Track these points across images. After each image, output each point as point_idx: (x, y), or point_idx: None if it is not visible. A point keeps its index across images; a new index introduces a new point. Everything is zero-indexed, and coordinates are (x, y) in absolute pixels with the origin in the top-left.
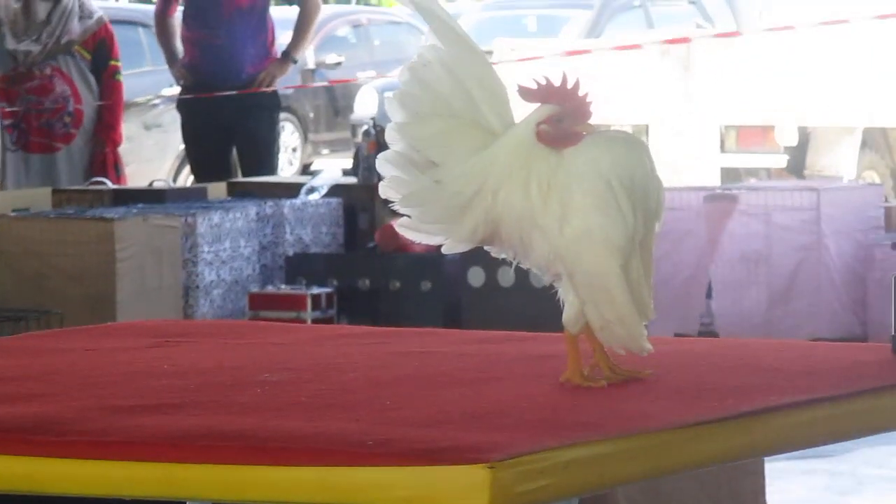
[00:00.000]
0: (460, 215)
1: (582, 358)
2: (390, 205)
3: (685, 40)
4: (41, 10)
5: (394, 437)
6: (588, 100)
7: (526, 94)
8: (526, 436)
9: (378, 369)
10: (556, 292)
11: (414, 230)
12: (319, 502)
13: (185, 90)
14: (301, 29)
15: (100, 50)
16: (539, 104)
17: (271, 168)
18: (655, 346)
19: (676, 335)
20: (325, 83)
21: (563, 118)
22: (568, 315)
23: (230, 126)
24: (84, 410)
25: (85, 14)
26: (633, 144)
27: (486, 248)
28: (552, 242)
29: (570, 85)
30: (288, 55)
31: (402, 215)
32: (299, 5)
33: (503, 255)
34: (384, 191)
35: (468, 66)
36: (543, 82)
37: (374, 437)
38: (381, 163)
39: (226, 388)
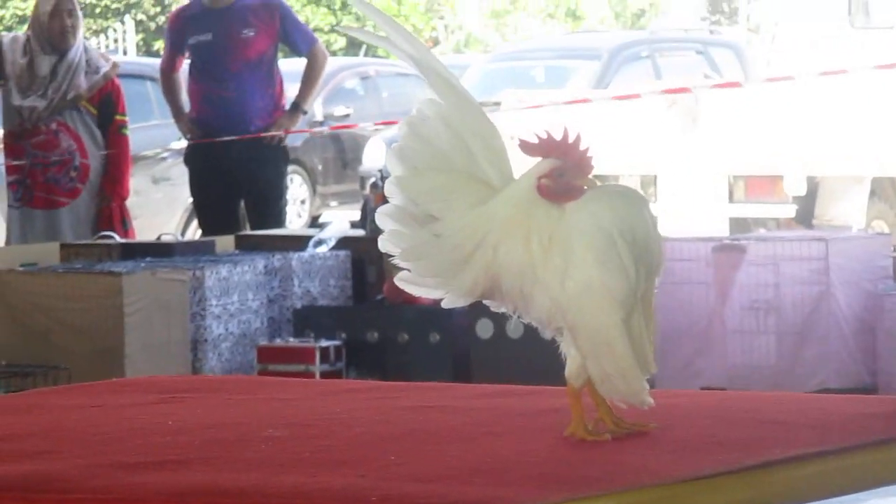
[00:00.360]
0: (460, 269)
1: (586, 412)
2: (389, 259)
3: (686, 90)
4: (45, 64)
5: (398, 492)
6: (589, 154)
7: (527, 148)
8: (530, 490)
9: (383, 424)
10: None
11: (413, 284)
12: None
13: (192, 144)
14: (309, 79)
15: (105, 104)
16: (540, 158)
17: (279, 220)
18: (660, 400)
19: (704, 388)
20: (330, 130)
21: (564, 172)
22: (570, 369)
23: (238, 178)
24: (88, 468)
25: (91, 69)
26: (633, 199)
27: (485, 302)
28: (553, 296)
29: (571, 139)
30: (298, 106)
31: (403, 269)
32: (307, 58)
33: (503, 310)
34: (383, 244)
35: (467, 120)
36: (544, 136)
37: (378, 493)
38: (381, 217)
39: (230, 445)
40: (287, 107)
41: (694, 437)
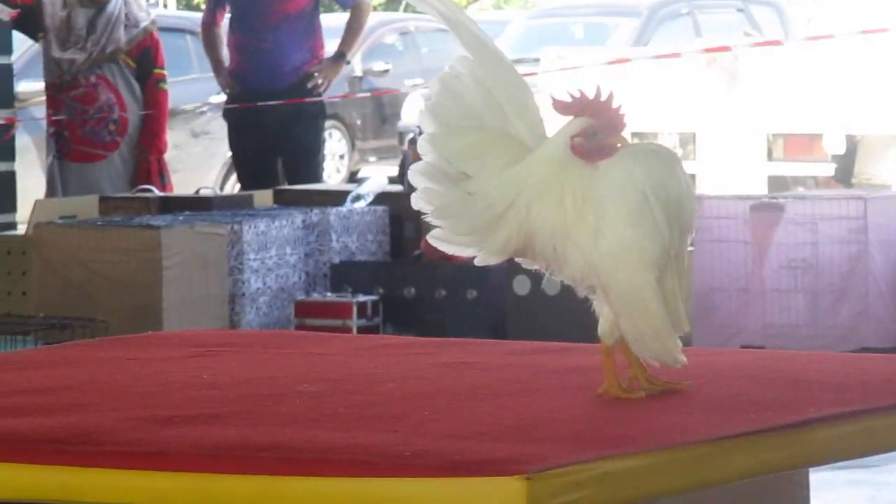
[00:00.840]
0: (493, 227)
1: (619, 370)
2: (423, 216)
3: (726, 49)
4: (82, 17)
5: (431, 448)
6: (621, 112)
7: (560, 107)
8: (562, 448)
9: (416, 380)
10: None
11: (446, 242)
12: None
13: (231, 98)
14: (352, 30)
15: (144, 58)
16: (573, 117)
17: (316, 176)
18: (693, 358)
19: (744, 347)
20: (370, 93)
21: (597, 131)
22: (603, 327)
23: (276, 134)
24: (121, 421)
25: (131, 23)
26: (667, 157)
27: (518, 259)
28: (586, 255)
29: (603, 98)
30: (342, 55)
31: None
32: (350, 8)
33: (536, 267)
34: (416, 202)
35: (499, 78)
36: (577, 95)
37: (411, 448)
38: (413, 174)
39: (263, 399)
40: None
41: (729, 396)
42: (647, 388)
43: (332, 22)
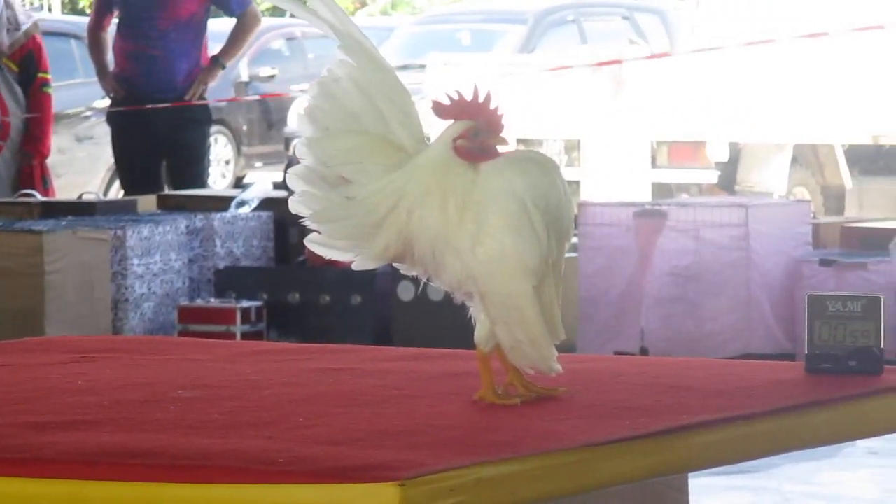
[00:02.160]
0: (372, 233)
1: (495, 376)
2: (300, 220)
3: (617, 62)
4: None
5: (305, 454)
6: (500, 113)
7: (439, 109)
8: (437, 454)
9: (293, 386)
10: None
11: (324, 246)
12: None
13: (115, 102)
14: (236, 39)
15: (27, 62)
16: (453, 121)
17: (201, 181)
18: (570, 365)
19: (616, 353)
20: (258, 97)
21: (478, 132)
22: (479, 334)
23: (161, 139)
24: None
25: (12, 26)
26: (546, 165)
27: (395, 265)
28: (465, 262)
29: (482, 98)
30: (217, 60)
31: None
32: (238, 18)
33: (414, 273)
34: (294, 206)
35: (379, 82)
36: (456, 97)
37: (285, 454)
38: (292, 177)
39: (140, 405)
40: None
41: (604, 403)
42: (523, 395)
43: (220, 27)
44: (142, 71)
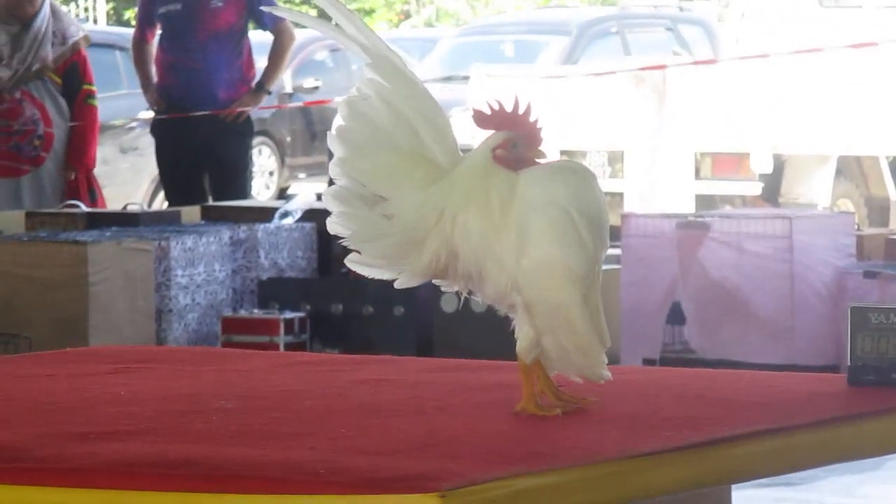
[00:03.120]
0: (415, 249)
1: (537, 387)
2: (340, 241)
3: (661, 67)
4: (4, 35)
5: (346, 465)
6: (539, 126)
7: (480, 120)
8: (477, 465)
9: (334, 397)
10: None
11: (365, 265)
12: None
13: (158, 114)
14: (275, 59)
15: (71, 74)
16: (492, 132)
17: (243, 193)
18: (614, 375)
19: (645, 361)
20: (301, 104)
21: (517, 143)
22: (522, 345)
23: (203, 150)
24: (37, 437)
25: (58, 39)
26: (585, 174)
27: (436, 282)
28: (508, 273)
29: (521, 111)
30: (262, 87)
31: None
32: (273, 34)
33: (455, 289)
34: (332, 227)
35: (410, 99)
36: (496, 108)
37: (326, 465)
38: (328, 198)
39: (181, 416)
40: (255, 80)
41: (645, 414)
42: (558, 405)
43: (263, 38)
44: (182, 83)
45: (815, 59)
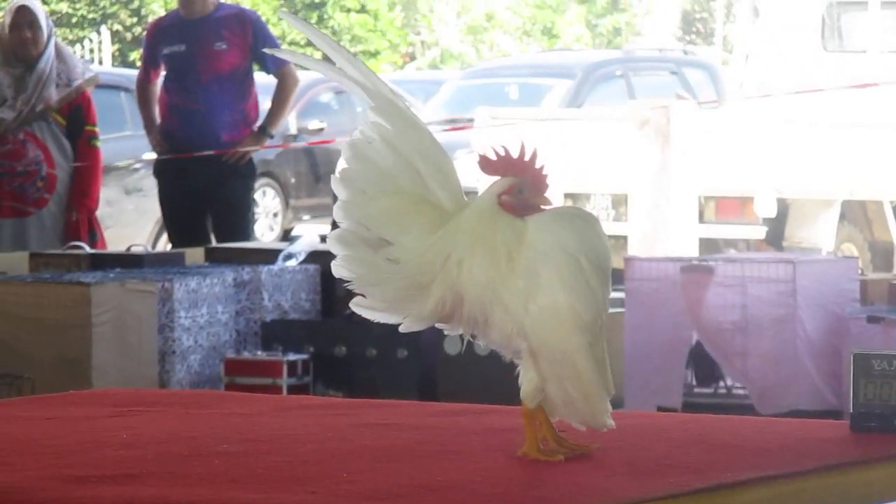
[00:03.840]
0: (421, 293)
1: (540, 433)
2: (345, 284)
3: (663, 108)
4: (9, 77)
5: None
6: (545, 172)
7: (486, 165)
8: None
9: (337, 441)
10: None
11: (369, 309)
12: None
13: (161, 155)
14: (278, 102)
15: (75, 115)
16: (499, 177)
17: (246, 235)
18: (617, 420)
19: (660, 408)
20: (305, 144)
21: (522, 189)
22: (526, 390)
23: (204, 192)
24: (39, 480)
25: (62, 82)
26: (590, 220)
27: (439, 325)
28: (516, 319)
29: (527, 157)
30: (264, 130)
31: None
32: (277, 78)
33: (459, 332)
34: (337, 270)
35: (413, 141)
36: (502, 153)
37: None
38: (332, 241)
39: (183, 459)
40: (259, 122)
41: (648, 459)
42: (559, 450)
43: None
44: (184, 124)
45: (819, 102)
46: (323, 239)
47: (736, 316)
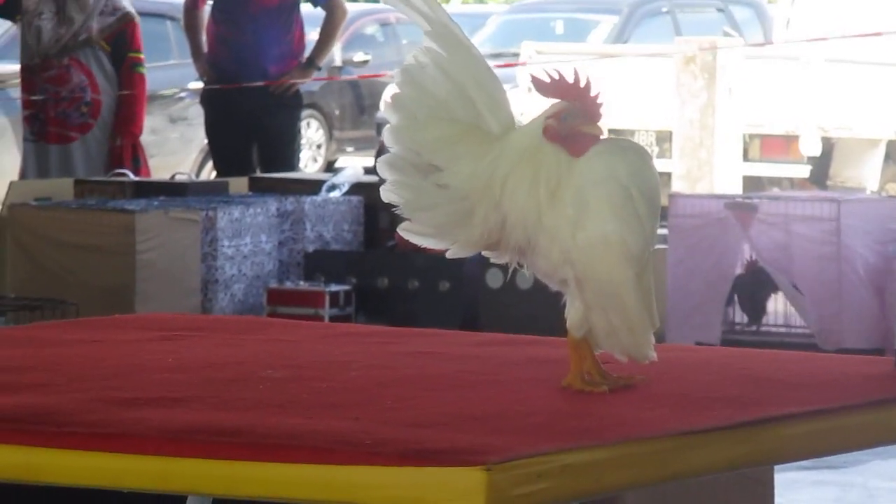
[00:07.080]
0: (468, 219)
1: (584, 363)
2: (394, 209)
3: (713, 48)
4: (50, 4)
5: (392, 437)
6: (598, 100)
7: (539, 86)
8: (523, 439)
9: (381, 369)
10: None
11: (417, 235)
12: (316, 499)
13: (208, 85)
14: (326, 35)
15: (118, 42)
16: (553, 101)
17: (291, 165)
18: (658, 354)
19: (697, 343)
20: (351, 77)
21: (570, 115)
22: (572, 320)
23: (251, 122)
24: (84, 402)
25: (107, 11)
26: (642, 153)
27: (486, 254)
28: (562, 247)
29: (582, 83)
30: (312, 62)
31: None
32: (325, 10)
33: (505, 261)
34: (386, 195)
35: (467, 69)
36: (556, 77)
37: (372, 436)
38: (382, 166)
39: (228, 384)
40: (305, 55)
41: (691, 393)
42: (602, 382)
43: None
44: (232, 56)
45: (864, 42)
46: (367, 171)
47: (779, 254)
